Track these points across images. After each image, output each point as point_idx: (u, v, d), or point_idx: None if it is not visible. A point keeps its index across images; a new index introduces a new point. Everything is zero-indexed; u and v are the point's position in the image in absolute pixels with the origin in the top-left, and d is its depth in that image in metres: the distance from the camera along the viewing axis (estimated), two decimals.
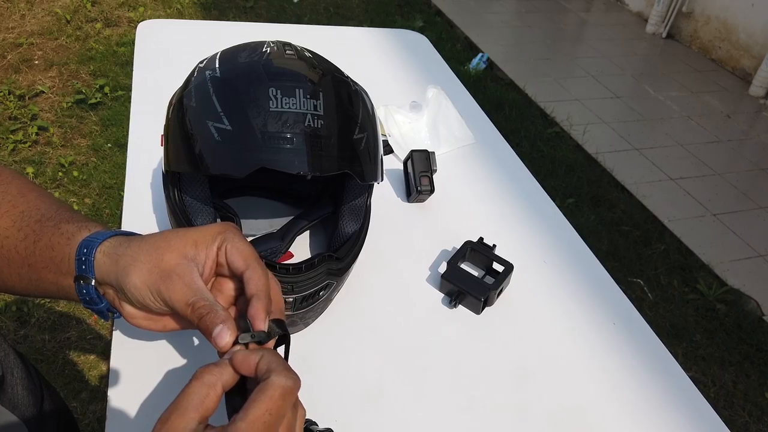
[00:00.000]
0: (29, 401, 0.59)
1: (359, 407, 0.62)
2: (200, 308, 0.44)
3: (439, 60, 1.32)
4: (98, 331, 1.69)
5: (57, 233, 0.49)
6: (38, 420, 0.60)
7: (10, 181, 0.52)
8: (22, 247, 0.49)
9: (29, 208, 0.51)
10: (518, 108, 3.00)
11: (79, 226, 0.50)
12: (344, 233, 0.71)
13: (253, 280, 0.46)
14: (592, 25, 4.07)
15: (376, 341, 0.69)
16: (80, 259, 0.47)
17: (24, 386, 0.59)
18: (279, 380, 0.39)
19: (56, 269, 0.49)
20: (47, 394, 0.65)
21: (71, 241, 0.48)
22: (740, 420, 1.73)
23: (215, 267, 0.48)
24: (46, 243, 0.49)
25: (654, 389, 0.70)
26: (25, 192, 0.52)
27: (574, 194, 2.49)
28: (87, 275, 0.47)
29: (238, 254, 0.47)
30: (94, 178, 2.21)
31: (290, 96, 0.58)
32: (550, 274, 0.82)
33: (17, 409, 0.57)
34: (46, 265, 0.49)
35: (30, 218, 0.50)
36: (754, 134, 3.08)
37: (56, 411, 0.66)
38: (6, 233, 0.50)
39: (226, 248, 0.47)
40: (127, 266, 0.46)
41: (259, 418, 0.38)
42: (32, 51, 2.88)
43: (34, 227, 0.50)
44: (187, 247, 0.47)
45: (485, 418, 0.63)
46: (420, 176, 0.86)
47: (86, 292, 0.48)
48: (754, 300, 2.10)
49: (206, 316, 0.43)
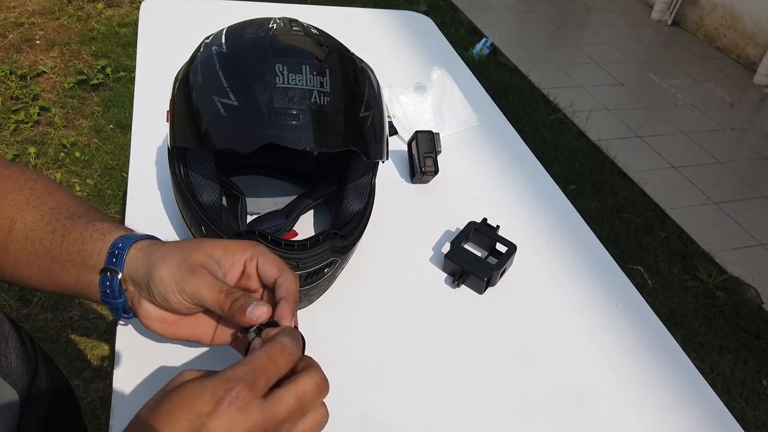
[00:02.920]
0: (22, 370, 0.59)
1: (361, 384, 0.63)
2: (234, 293, 0.47)
3: (444, 42, 1.31)
4: (100, 311, 1.70)
5: (91, 228, 0.52)
6: (31, 390, 0.61)
7: (36, 179, 0.55)
8: (49, 240, 0.52)
9: (59, 205, 0.54)
10: (521, 94, 2.98)
11: (115, 225, 0.53)
12: (349, 211, 0.71)
13: (285, 285, 0.49)
14: (596, 11, 4.04)
15: (379, 319, 0.70)
16: (113, 252, 0.50)
17: (18, 356, 0.59)
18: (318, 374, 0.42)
19: (82, 263, 0.51)
20: (44, 366, 0.65)
21: (106, 237, 0.51)
22: (737, 406, 1.75)
23: (240, 278, 0.51)
24: (76, 237, 0.51)
25: (655, 370, 0.70)
26: (53, 190, 0.55)
27: (576, 181, 2.48)
28: (115, 268, 0.50)
29: (271, 263, 0.50)
30: (96, 159, 2.21)
31: (297, 72, 0.58)
32: (552, 256, 0.82)
33: (9, 377, 0.57)
34: (71, 258, 0.51)
35: (60, 214, 0.53)
36: (757, 123, 3.07)
37: (53, 385, 0.66)
38: (33, 226, 0.52)
39: (258, 260, 0.50)
40: (158, 261, 0.49)
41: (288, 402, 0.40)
42: (33, 31, 2.86)
43: (64, 222, 0.52)
44: (215, 249, 0.50)
45: (486, 397, 0.64)
46: (424, 157, 0.86)
47: (109, 284, 0.50)
48: (753, 288, 2.11)
49: (241, 298, 0.46)
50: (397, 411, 0.61)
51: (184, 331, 0.52)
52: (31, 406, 0.60)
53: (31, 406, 0.60)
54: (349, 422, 0.59)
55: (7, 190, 0.54)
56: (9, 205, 0.53)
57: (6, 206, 0.53)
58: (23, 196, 0.53)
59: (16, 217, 0.53)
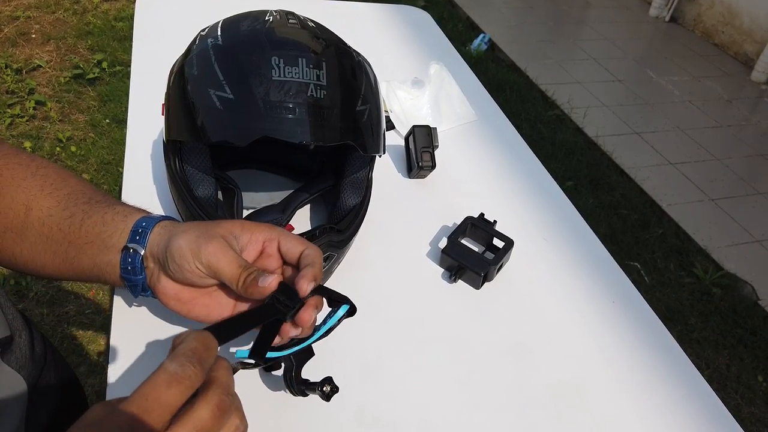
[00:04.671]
0: (32, 362, 0.60)
1: (358, 379, 0.62)
2: (250, 268, 0.49)
3: (442, 37, 1.31)
4: (96, 306, 1.70)
5: (111, 211, 0.53)
6: (38, 384, 0.61)
7: (48, 166, 0.56)
8: (66, 224, 0.52)
9: (74, 191, 0.54)
10: (519, 90, 2.98)
11: (135, 208, 0.54)
12: (345, 206, 0.71)
13: (310, 255, 0.51)
14: (594, 7, 4.03)
15: (376, 314, 0.69)
16: (136, 231, 0.51)
17: (29, 348, 0.60)
18: (215, 396, 0.38)
19: (101, 244, 0.52)
20: (52, 362, 0.66)
21: (128, 219, 0.52)
22: (733, 402, 1.75)
23: (258, 257, 0.52)
24: (96, 220, 0.52)
25: (651, 366, 0.70)
26: (65, 177, 0.56)
27: (573, 177, 2.49)
28: (139, 244, 0.51)
29: (295, 239, 0.52)
30: (92, 153, 2.20)
31: (293, 65, 0.58)
32: (549, 251, 0.82)
33: (23, 369, 0.58)
34: (90, 240, 0.52)
35: (77, 200, 0.53)
36: (754, 120, 3.07)
37: (60, 377, 0.67)
38: (50, 212, 0.53)
39: (280, 240, 0.52)
40: (178, 233, 0.50)
41: None
42: (29, 24, 2.85)
43: (83, 207, 0.53)
44: (234, 227, 0.51)
45: (483, 392, 0.64)
46: (421, 152, 0.86)
47: (131, 261, 0.51)
48: (749, 284, 2.11)
49: (255, 272, 0.48)
50: (393, 405, 0.61)
51: (199, 311, 0.52)
52: (39, 397, 0.61)
53: (40, 397, 0.61)
54: (345, 416, 0.59)
55: (20, 177, 0.54)
56: (23, 192, 0.53)
57: (20, 193, 0.53)
58: (37, 183, 0.54)
59: (32, 203, 0.53)
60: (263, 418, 0.56)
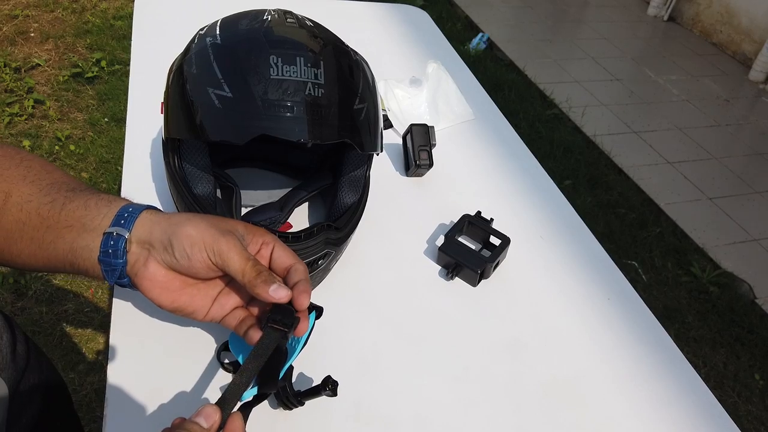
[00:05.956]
0: (12, 367, 0.59)
1: (355, 375, 0.63)
2: (260, 265, 0.50)
3: (440, 36, 1.31)
4: (95, 305, 1.70)
5: (96, 197, 0.53)
6: (20, 386, 0.61)
7: (32, 158, 0.56)
8: (46, 209, 0.52)
9: (58, 181, 0.54)
10: (517, 89, 2.98)
11: (119, 197, 0.55)
12: (343, 204, 0.71)
13: (300, 270, 0.53)
14: (593, 7, 4.04)
15: (373, 312, 0.70)
16: (121, 215, 0.51)
17: (10, 350, 0.59)
18: None
19: (81, 227, 0.51)
20: (35, 361, 0.65)
21: (112, 204, 0.53)
22: (730, 400, 1.76)
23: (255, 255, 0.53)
24: (79, 204, 0.52)
25: (648, 364, 0.71)
26: (50, 170, 0.56)
27: (571, 176, 2.49)
28: (124, 228, 0.50)
29: (287, 251, 0.54)
30: (91, 152, 2.20)
31: (291, 64, 0.58)
32: (546, 249, 0.83)
33: (4, 372, 0.57)
34: (70, 224, 0.51)
35: (60, 188, 0.53)
36: (752, 119, 3.08)
37: (44, 379, 0.66)
38: (29, 198, 0.52)
39: (275, 246, 0.54)
40: (183, 221, 0.51)
41: None
42: (28, 23, 2.85)
43: (65, 194, 0.53)
44: (238, 225, 0.54)
45: (479, 389, 0.64)
46: (419, 150, 0.86)
47: (113, 244, 0.50)
48: (746, 283, 2.12)
49: (266, 272, 0.50)
50: (389, 402, 0.61)
51: (183, 300, 0.52)
52: (21, 400, 0.60)
53: (21, 399, 0.60)
54: (342, 412, 0.59)
55: (3, 167, 0.53)
56: (5, 180, 0.53)
57: (2, 181, 0.52)
58: (20, 173, 0.53)
59: (12, 190, 0.52)
60: (260, 416, 0.56)
